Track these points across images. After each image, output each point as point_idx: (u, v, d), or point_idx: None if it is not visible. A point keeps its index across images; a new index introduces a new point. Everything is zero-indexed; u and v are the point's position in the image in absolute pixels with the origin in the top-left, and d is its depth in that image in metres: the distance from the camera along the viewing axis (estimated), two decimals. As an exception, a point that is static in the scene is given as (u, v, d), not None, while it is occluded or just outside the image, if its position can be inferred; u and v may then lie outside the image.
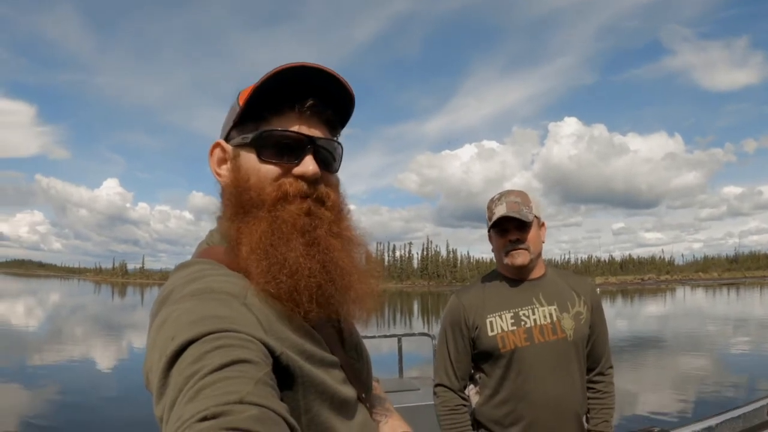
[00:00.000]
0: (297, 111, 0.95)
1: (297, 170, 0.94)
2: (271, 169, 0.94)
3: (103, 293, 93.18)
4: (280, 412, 0.67)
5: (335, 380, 0.92)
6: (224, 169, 0.99)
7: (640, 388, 11.12)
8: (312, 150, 0.95)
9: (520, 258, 2.11)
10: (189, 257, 0.99)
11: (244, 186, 0.94)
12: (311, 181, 0.94)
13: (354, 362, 1.05)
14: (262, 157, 0.94)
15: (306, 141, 0.95)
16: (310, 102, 0.95)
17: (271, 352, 0.78)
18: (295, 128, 0.94)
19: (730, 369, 13.41)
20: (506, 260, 2.14)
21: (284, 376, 0.81)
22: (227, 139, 1.00)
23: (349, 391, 0.95)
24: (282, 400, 0.73)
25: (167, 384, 0.69)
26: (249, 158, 0.95)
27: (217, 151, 1.01)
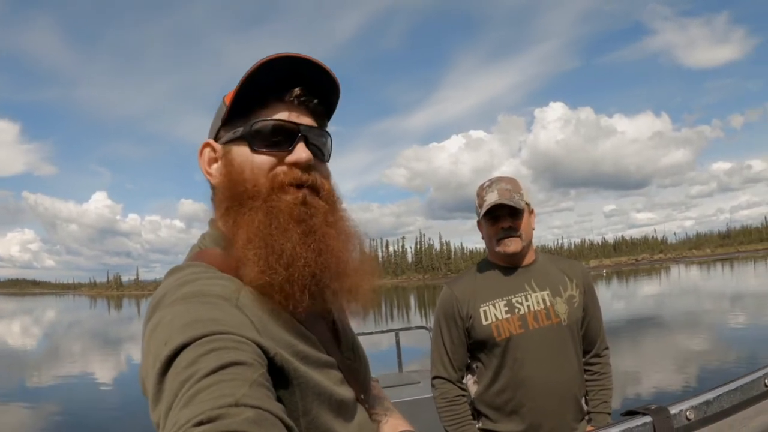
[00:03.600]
0: (285, 101, 0.96)
1: (290, 158, 0.94)
2: (264, 159, 0.94)
3: (99, 307, 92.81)
4: (277, 413, 0.66)
5: (332, 381, 0.91)
6: (215, 168, 0.99)
7: (640, 368, 11.17)
8: (303, 138, 0.95)
9: (512, 245, 2.11)
10: None
11: (238, 179, 0.93)
12: (305, 168, 0.94)
13: (351, 362, 1.05)
14: (255, 148, 0.94)
15: (297, 129, 0.95)
16: (296, 91, 0.96)
17: (266, 353, 0.77)
18: (285, 117, 0.95)
19: (730, 343, 13.47)
20: (498, 248, 2.13)
21: (280, 377, 0.80)
22: (216, 138, 1.01)
23: (347, 392, 0.95)
24: (280, 402, 0.73)
25: (162, 389, 0.69)
26: (241, 151, 0.95)
27: (207, 151, 1.00)
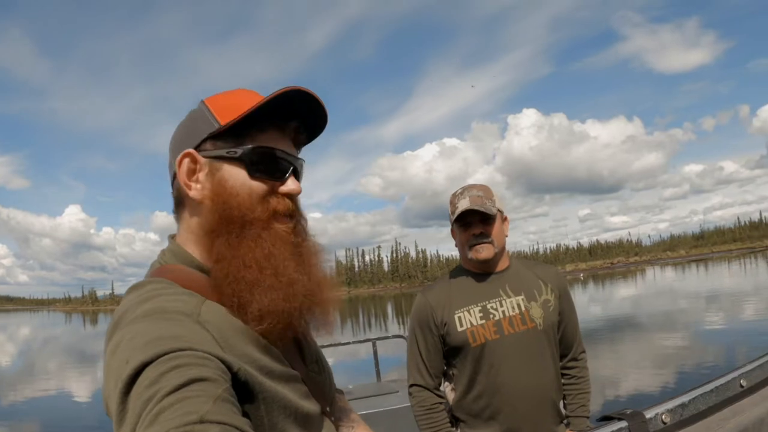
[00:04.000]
0: (282, 130, 0.97)
1: (284, 189, 0.95)
2: (260, 186, 0.93)
3: (74, 323, 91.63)
4: (243, 428, 0.66)
5: (297, 395, 0.91)
6: (197, 181, 0.94)
7: (618, 371, 11.26)
8: (293, 169, 0.98)
9: (484, 252, 2.10)
10: None
11: (233, 202, 0.91)
12: (294, 198, 0.97)
13: (315, 375, 1.04)
14: (253, 174, 0.93)
15: (293, 161, 0.97)
16: (294, 124, 0.98)
17: (229, 368, 0.76)
18: (281, 147, 0.96)
19: (706, 343, 13.64)
20: (470, 254, 2.13)
21: (244, 392, 0.79)
22: (198, 149, 0.95)
23: (312, 406, 0.95)
24: (246, 417, 0.72)
25: (126, 409, 0.68)
26: (236, 173, 0.93)
27: (187, 162, 0.94)
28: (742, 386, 1.08)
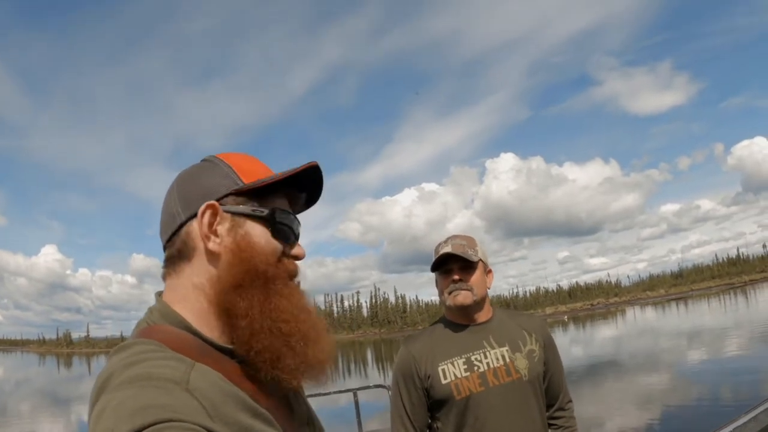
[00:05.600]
0: (289, 197, 1.02)
1: (295, 251, 1.00)
2: (279, 247, 0.96)
3: (48, 365, 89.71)
4: None
5: None
6: (216, 234, 0.93)
7: (603, 412, 11.19)
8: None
9: (460, 297, 2.08)
10: (134, 323, 0.95)
11: (259, 257, 0.93)
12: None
13: None
14: (275, 235, 0.96)
15: (299, 227, 1.03)
16: (304, 195, 1.06)
17: None
18: (293, 213, 1.02)
19: (689, 381, 13.67)
20: (449, 301, 2.11)
21: None
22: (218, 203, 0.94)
23: None
24: None
25: None
26: (261, 231, 0.95)
27: (209, 214, 0.92)
28: None
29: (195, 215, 0.92)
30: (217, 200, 0.93)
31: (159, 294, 0.96)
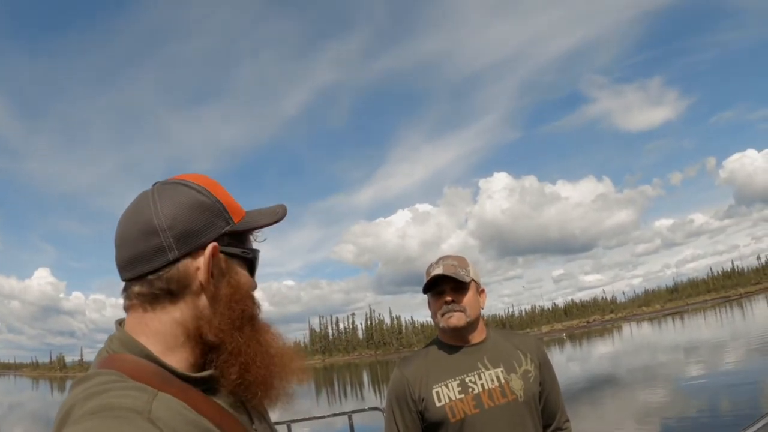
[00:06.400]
0: (252, 235, 1.04)
1: (256, 288, 1.03)
2: (254, 285, 1.02)
3: (41, 389, 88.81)
4: None
5: None
6: (214, 275, 0.93)
7: (602, 430, 11.12)
8: None
9: (454, 319, 2.05)
10: None
11: (249, 299, 0.98)
12: None
13: None
14: (252, 273, 1.02)
15: None
16: (264, 238, 1.05)
17: None
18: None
19: (687, 396, 13.61)
20: (442, 323, 2.08)
21: None
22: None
23: None
24: None
25: None
26: (244, 272, 0.99)
27: (210, 255, 0.92)
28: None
29: (189, 253, 0.90)
30: (215, 239, 0.93)
31: (119, 322, 0.94)
